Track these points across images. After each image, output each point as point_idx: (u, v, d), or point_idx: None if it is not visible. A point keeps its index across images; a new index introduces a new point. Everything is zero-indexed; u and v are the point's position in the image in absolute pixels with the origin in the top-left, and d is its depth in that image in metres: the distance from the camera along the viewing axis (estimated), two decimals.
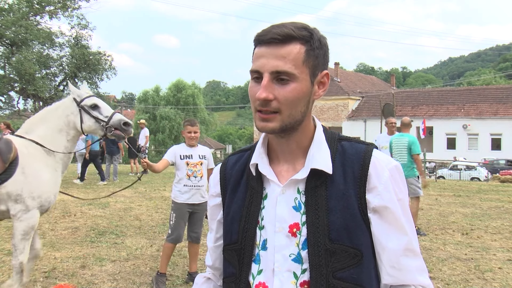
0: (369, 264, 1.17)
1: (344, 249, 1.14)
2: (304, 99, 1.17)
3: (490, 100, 36.22)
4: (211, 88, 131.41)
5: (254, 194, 1.25)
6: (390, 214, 1.16)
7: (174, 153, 4.83)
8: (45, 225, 7.27)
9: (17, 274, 3.72)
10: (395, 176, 1.19)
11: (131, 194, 10.80)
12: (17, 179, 3.59)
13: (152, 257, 5.72)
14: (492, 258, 5.91)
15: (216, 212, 1.37)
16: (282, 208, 1.20)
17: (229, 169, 1.34)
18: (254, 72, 1.16)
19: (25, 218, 3.67)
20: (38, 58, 24.78)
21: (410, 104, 38.55)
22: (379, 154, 1.22)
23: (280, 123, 1.15)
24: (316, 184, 1.18)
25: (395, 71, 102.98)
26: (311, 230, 1.15)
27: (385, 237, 1.16)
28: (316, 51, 1.16)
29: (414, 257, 1.18)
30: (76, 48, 26.07)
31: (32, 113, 28.58)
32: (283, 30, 1.13)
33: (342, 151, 1.22)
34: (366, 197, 1.16)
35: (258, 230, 1.23)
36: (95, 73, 27.12)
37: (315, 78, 1.18)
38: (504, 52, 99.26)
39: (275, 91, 1.13)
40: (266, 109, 1.14)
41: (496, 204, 10.76)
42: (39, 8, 25.67)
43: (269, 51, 1.14)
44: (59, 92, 26.67)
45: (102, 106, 3.94)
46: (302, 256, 1.16)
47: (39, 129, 3.84)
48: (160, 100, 50.40)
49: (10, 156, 3.57)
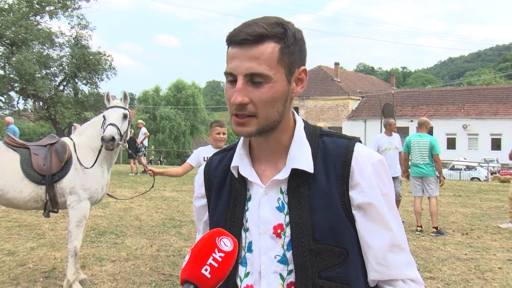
0: (356, 262, 1.15)
1: (329, 249, 1.12)
2: (281, 99, 1.13)
3: (490, 100, 36.22)
4: (211, 88, 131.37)
5: (238, 196, 1.22)
6: (374, 211, 1.14)
7: (198, 156, 4.72)
8: (45, 225, 7.27)
9: (72, 258, 4.35)
10: (378, 171, 1.16)
11: (131, 194, 10.79)
12: (71, 174, 4.31)
13: (152, 257, 5.72)
14: (492, 258, 5.91)
15: (202, 213, 1.35)
16: (265, 209, 1.17)
17: (213, 170, 1.31)
18: (228, 74, 1.12)
19: (78, 208, 4.31)
20: (38, 58, 24.77)
21: (410, 104, 38.55)
22: (361, 149, 1.18)
23: (257, 127, 1.12)
24: (298, 183, 1.15)
25: (395, 71, 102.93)
26: (295, 231, 1.13)
27: (370, 234, 1.14)
28: (291, 47, 1.11)
29: (400, 253, 1.16)
30: (76, 48, 26.05)
31: (32, 113, 28.65)
32: (254, 30, 1.08)
33: (323, 147, 1.18)
34: (349, 194, 1.14)
35: (243, 232, 1.21)
36: (95, 73, 27.09)
37: (291, 75, 1.14)
38: (504, 52, 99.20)
39: (250, 93, 1.09)
40: (242, 113, 1.11)
41: (496, 204, 10.76)
42: (39, 8, 25.67)
43: (241, 52, 1.09)
44: (59, 92, 26.66)
45: (107, 117, 4.42)
46: (288, 257, 1.15)
47: (88, 131, 4.57)
48: (160, 100, 50.44)
49: (65, 156, 4.32)
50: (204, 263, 0.96)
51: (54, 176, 4.28)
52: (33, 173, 4.25)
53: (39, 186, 4.27)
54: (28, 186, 4.24)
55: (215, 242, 0.99)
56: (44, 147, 4.40)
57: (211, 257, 0.97)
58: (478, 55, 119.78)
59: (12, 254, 5.66)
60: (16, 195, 4.22)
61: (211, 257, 0.97)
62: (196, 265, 0.96)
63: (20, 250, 5.86)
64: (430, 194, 7.50)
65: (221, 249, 0.98)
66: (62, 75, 27.37)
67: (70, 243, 4.34)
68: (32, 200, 4.28)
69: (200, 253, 0.97)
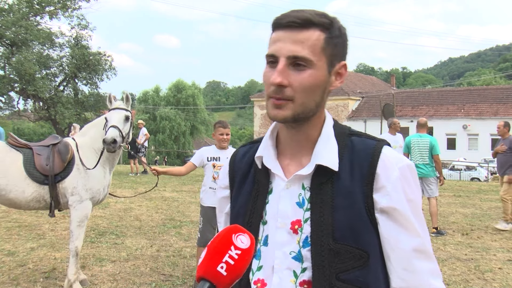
0: (377, 267, 1.11)
1: (349, 250, 1.09)
2: (320, 88, 1.12)
3: (490, 100, 36.22)
4: (211, 89, 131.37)
5: (260, 188, 1.21)
6: (399, 215, 1.10)
7: (202, 155, 4.73)
8: (45, 226, 7.27)
9: (73, 257, 4.37)
10: (406, 175, 1.13)
11: (131, 195, 10.79)
12: (74, 175, 4.35)
13: (152, 258, 5.72)
14: (492, 258, 5.92)
15: (224, 204, 1.34)
16: (285, 204, 1.16)
17: (238, 161, 1.31)
18: (269, 56, 1.11)
19: (79, 208, 4.33)
20: (38, 59, 24.77)
21: (410, 104, 38.54)
22: (389, 152, 1.15)
23: (292, 112, 1.10)
24: (322, 181, 1.13)
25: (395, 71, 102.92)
26: (314, 228, 1.11)
27: (395, 238, 1.11)
28: (335, 39, 1.12)
29: (426, 260, 1.12)
30: (76, 49, 26.05)
31: (32, 114, 28.66)
32: (302, 15, 1.09)
33: (351, 146, 1.16)
34: (373, 196, 1.11)
35: (261, 225, 1.19)
36: (95, 73, 27.09)
37: (332, 68, 1.14)
38: (504, 52, 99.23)
39: (290, 77, 1.08)
40: (280, 96, 1.09)
41: (496, 204, 10.76)
42: (39, 8, 25.67)
43: (286, 35, 1.09)
44: (59, 92, 26.65)
45: (109, 119, 4.45)
46: (303, 254, 1.12)
47: (90, 132, 4.60)
48: (160, 101, 50.43)
49: (67, 156, 4.36)
50: (220, 260, 0.95)
51: (57, 176, 4.31)
52: (36, 173, 4.27)
53: (42, 186, 4.29)
54: (30, 186, 4.26)
55: (232, 239, 0.97)
56: (47, 147, 4.42)
57: (227, 254, 0.95)
58: (478, 55, 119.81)
59: (12, 255, 5.66)
60: (19, 194, 4.24)
61: (227, 254, 0.95)
62: (212, 262, 0.95)
63: (20, 251, 5.86)
64: (430, 195, 7.52)
65: (237, 246, 0.97)
66: (62, 75, 27.37)
67: (71, 243, 4.37)
68: (34, 200, 4.30)
69: (216, 250, 0.96)
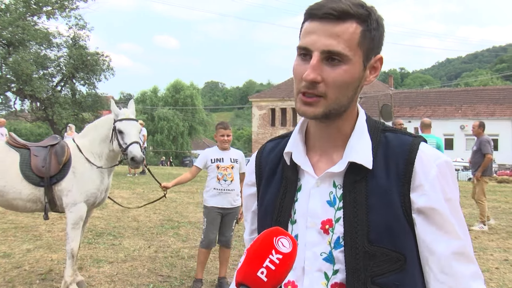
0: (414, 271, 1.06)
1: (385, 252, 1.03)
2: (354, 84, 1.07)
3: (487, 101, 36.33)
4: (209, 89, 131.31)
5: (288, 185, 1.16)
6: (438, 216, 1.04)
7: (206, 157, 4.72)
8: (42, 227, 7.25)
9: (69, 259, 4.33)
10: (444, 173, 1.06)
11: (129, 195, 10.77)
12: (69, 177, 4.29)
13: (150, 259, 5.71)
14: (489, 258, 5.92)
15: (250, 202, 1.29)
16: (315, 202, 1.10)
17: (265, 157, 1.25)
18: (301, 48, 1.05)
19: (74, 210, 4.28)
20: (35, 59, 24.70)
21: (408, 105, 38.60)
22: (427, 148, 1.09)
23: (324, 109, 1.05)
24: (356, 179, 1.07)
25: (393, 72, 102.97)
26: (348, 229, 1.05)
27: (433, 240, 1.04)
28: (372, 32, 1.06)
29: (467, 263, 1.06)
30: (74, 49, 25.99)
31: (29, 114, 28.59)
32: (339, 6, 1.02)
33: (385, 143, 1.10)
34: (410, 196, 1.05)
35: (290, 224, 1.14)
36: (93, 73, 27.04)
37: (368, 62, 1.08)
38: (500, 53, 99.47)
39: (323, 72, 1.03)
40: (312, 91, 1.04)
41: (493, 204, 10.77)
42: (36, 8, 25.60)
43: (321, 28, 1.03)
44: (56, 92, 26.60)
45: (126, 132, 4.33)
46: (334, 255, 1.07)
47: (90, 135, 4.51)
48: (158, 101, 50.36)
49: (63, 158, 4.30)
50: (261, 265, 0.89)
51: (53, 178, 4.25)
52: (32, 174, 4.22)
53: (38, 188, 4.24)
54: (26, 187, 4.22)
55: (273, 243, 0.92)
56: (45, 148, 4.36)
57: (268, 259, 0.90)
58: (475, 56, 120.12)
59: (7, 256, 5.64)
60: (16, 196, 4.21)
61: (268, 259, 0.90)
62: (251, 267, 0.90)
63: (16, 252, 5.83)
64: None
65: (278, 250, 0.91)
66: (59, 75, 27.31)
67: (67, 245, 4.35)
68: (30, 201, 4.27)
69: (256, 254, 0.91)
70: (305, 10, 1.08)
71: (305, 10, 1.08)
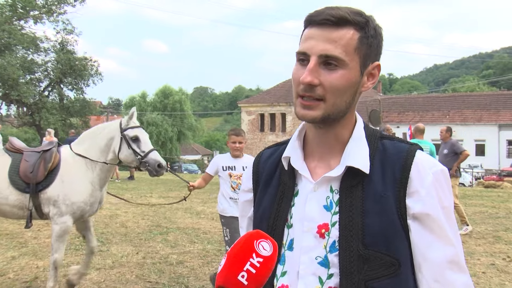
0: (408, 276, 1.07)
1: (379, 257, 1.04)
2: (351, 89, 1.09)
3: (474, 106, 36.78)
4: (198, 94, 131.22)
5: (285, 190, 1.17)
6: (432, 223, 1.06)
7: (216, 164, 4.64)
8: (28, 233, 7.15)
9: (52, 270, 4.19)
10: (440, 180, 1.08)
11: (117, 201, 10.67)
12: (56, 185, 4.10)
13: (138, 265, 5.65)
14: (476, 263, 5.96)
15: (246, 208, 1.30)
16: (312, 207, 1.11)
17: (263, 163, 1.27)
18: (300, 54, 1.08)
19: (59, 222, 4.12)
20: (22, 63, 24.54)
21: (397, 110, 38.91)
22: (423, 156, 1.11)
23: (323, 112, 1.07)
24: (352, 184, 1.09)
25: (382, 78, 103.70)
26: (344, 233, 1.06)
27: (427, 247, 1.06)
28: (370, 39, 1.09)
29: (460, 272, 1.07)
30: (62, 53, 25.89)
31: (15, 119, 28.29)
32: (337, 12, 1.06)
33: (382, 149, 1.12)
34: (406, 201, 1.06)
35: (286, 228, 1.15)
36: (81, 78, 26.95)
37: (365, 68, 1.11)
38: (487, 59, 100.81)
39: (321, 76, 1.05)
40: (310, 95, 1.06)
41: (480, 209, 10.87)
42: (23, 12, 25.45)
43: (319, 33, 1.06)
44: (43, 97, 26.41)
45: (142, 140, 4.23)
46: (329, 259, 1.07)
47: (86, 144, 4.29)
48: (147, 106, 50.18)
49: (49, 165, 4.11)
50: (241, 269, 0.90)
51: (39, 185, 4.07)
52: (18, 180, 4.09)
53: (24, 194, 4.10)
54: (13, 193, 4.10)
55: (253, 246, 0.92)
56: (37, 154, 4.19)
57: (249, 263, 0.90)
58: (462, 62, 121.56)
59: None
60: (3, 201, 4.10)
61: (248, 263, 0.90)
62: (232, 271, 0.90)
63: (0, 260, 5.74)
64: None
65: (259, 254, 0.91)
66: (47, 80, 27.17)
67: (51, 256, 4.23)
68: (17, 207, 4.14)
69: (236, 258, 0.91)
70: (305, 18, 1.11)
71: (305, 18, 1.11)
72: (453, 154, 8.26)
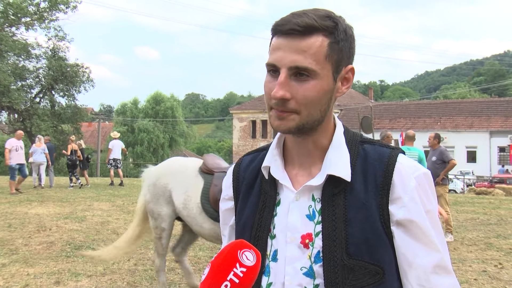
0: (392, 283, 1.06)
1: (364, 266, 1.03)
2: (325, 98, 1.05)
3: (466, 113, 37.09)
4: (190, 101, 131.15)
5: (267, 200, 1.14)
6: (417, 229, 1.04)
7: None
8: (19, 240, 7.08)
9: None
10: (423, 185, 1.07)
11: (109, 207, 10.62)
12: None
13: (129, 272, 5.62)
14: (468, 269, 5.98)
15: (228, 217, 1.27)
16: (294, 216, 1.09)
17: (243, 171, 1.24)
18: (270, 65, 1.05)
19: None
20: (14, 70, 24.43)
21: (388, 117, 39.14)
22: (405, 160, 1.09)
23: (297, 123, 1.04)
24: (334, 192, 1.07)
25: (373, 84, 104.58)
26: (327, 243, 1.04)
27: (412, 253, 1.04)
28: (340, 43, 1.04)
29: (446, 276, 1.05)
30: (53, 60, 25.79)
31: (6, 126, 28.08)
32: (304, 20, 1.01)
33: (364, 155, 1.10)
34: (389, 208, 1.05)
35: (269, 239, 1.12)
36: (73, 85, 26.85)
37: (338, 74, 1.07)
38: (478, 66, 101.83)
39: (292, 88, 1.02)
40: (282, 109, 1.03)
41: (472, 216, 10.93)
42: (14, 19, 25.34)
43: (287, 44, 1.02)
44: (35, 104, 26.27)
45: None
46: (315, 270, 1.05)
47: None
48: (139, 113, 50.09)
49: None
50: (224, 279, 0.91)
51: None
52: (209, 208, 3.85)
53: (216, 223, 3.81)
54: (205, 221, 3.92)
55: (237, 256, 0.93)
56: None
57: (232, 272, 0.91)
58: (453, 69, 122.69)
59: None
60: (198, 229, 4.02)
61: (231, 272, 0.91)
62: (215, 280, 0.91)
63: None
64: None
65: (242, 264, 0.92)
66: (38, 87, 27.03)
67: None
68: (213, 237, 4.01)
69: (220, 267, 0.92)
70: (271, 26, 1.06)
71: (271, 26, 1.06)
72: (441, 161, 8.31)
